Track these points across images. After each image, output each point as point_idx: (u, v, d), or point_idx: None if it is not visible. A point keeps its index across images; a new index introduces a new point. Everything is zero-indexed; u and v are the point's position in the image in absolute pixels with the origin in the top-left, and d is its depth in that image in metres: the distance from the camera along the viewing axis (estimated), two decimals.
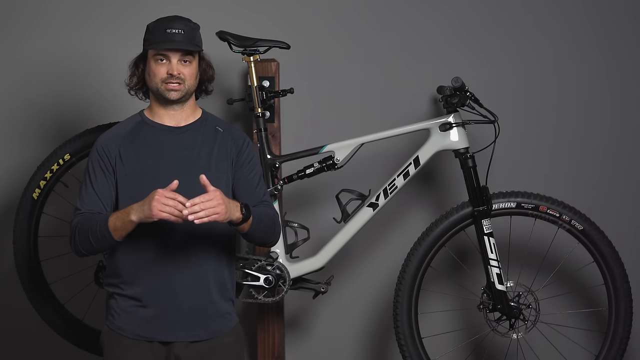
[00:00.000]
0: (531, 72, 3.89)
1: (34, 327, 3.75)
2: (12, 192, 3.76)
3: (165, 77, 2.82)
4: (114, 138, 2.85)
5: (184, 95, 2.84)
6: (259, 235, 2.87)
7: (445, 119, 3.46)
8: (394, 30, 3.87)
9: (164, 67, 2.82)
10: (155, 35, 2.83)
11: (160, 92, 2.83)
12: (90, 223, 2.75)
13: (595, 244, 3.46)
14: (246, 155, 2.92)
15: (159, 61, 2.82)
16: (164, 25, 2.83)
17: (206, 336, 2.83)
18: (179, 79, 2.82)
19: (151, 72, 2.84)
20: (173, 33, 2.81)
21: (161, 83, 2.82)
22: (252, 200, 2.85)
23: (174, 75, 2.81)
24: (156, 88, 2.83)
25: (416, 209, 3.88)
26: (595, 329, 3.82)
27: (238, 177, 2.90)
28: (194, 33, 2.86)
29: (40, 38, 3.83)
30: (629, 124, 3.92)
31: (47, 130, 3.81)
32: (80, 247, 2.79)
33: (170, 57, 2.82)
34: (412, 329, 3.47)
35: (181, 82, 2.82)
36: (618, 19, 3.90)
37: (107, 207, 2.81)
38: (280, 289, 3.45)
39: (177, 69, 2.81)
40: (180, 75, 2.82)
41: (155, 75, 2.83)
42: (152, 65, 2.83)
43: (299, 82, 3.71)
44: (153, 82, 2.84)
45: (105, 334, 2.86)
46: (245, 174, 2.90)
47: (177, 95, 2.83)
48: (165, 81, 2.81)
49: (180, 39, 2.82)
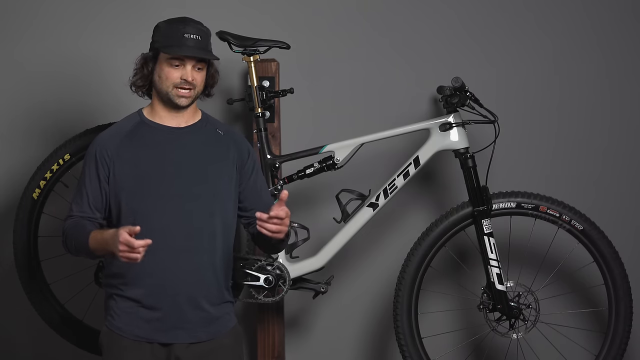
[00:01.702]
0: (531, 72, 3.89)
1: (34, 327, 3.75)
2: (12, 192, 3.76)
3: (179, 82, 2.80)
4: (112, 138, 2.85)
5: (191, 102, 2.85)
6: (280, 246, 2.93)
7: (445, 119, 3.46)
8: (394, 30, 3.87)
9: (178, 72, 2.80)
10: (170, 38, 2.80)
11: (170, 96, 2.81)
12: (77, 233, 2.77)
13: (595, 244, 3.46)
14: (250, 164, 2.93)
15: (174, 66, 2.80)
16: (179, 29, 2.80)
17: (206, 337, 2.83)
18: (191, 85, 2.81)
19: (164, 75, 2.81)
20: (190, 38, 2.80)
21: (172, 87, 2.81)
22: (260, 208, 2.86)
23: (187, 81, 2.80)
24: (166, 92, 2.82)
25: (416, 209, 3.88)
26: (595, 329, 3.82)
27: (245, 186, 2.92)
28: (208, 39, 2.86)
29: (40, 38, 3.82)
30: (629, 124, 3.92)
31: (47, 130, 3.81)
32: (70, 250, 2.84)
33: (185, 62, 2.80)
34: (412, 329, 3.47)
35: (192, 88, 2.82)
36: (618, 19, 3.90)
37: (97, 211, 2.82)
38: (280, 289, 3.45)
39: (192, 75, 2.80)
40: (193, 82, 2.81)
41: (167, 79, 2.81)
42: (166, 68, 2.81)
43: (299, 82, 3.71)
44: (164, 86, 2.82)
45: (105, 335, 2.86)
46: (252, 185, 2.93)
47: (187, 102, 2.83)
48: (178, 86, 2.80)
49: (197, 45, 2.80)
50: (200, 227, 2.80)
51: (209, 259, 2.83)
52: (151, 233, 2.76)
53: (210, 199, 2.82)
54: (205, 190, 2.82)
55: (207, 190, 2.83)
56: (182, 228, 2.78)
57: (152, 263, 2.77)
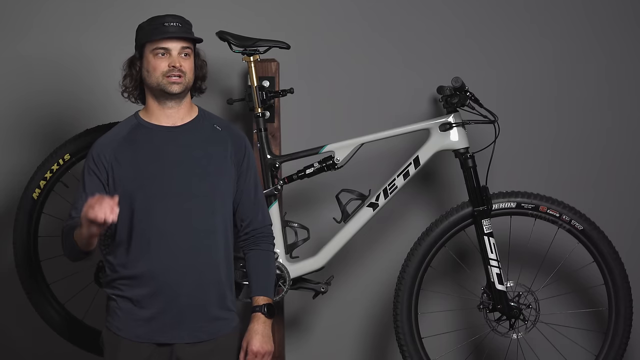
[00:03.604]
0: (531, 72, 3.89)
1: (34, 327, 3.75)
2: (12, 192, 3.76)
3: (167, 70, 2.80)
4: (110, 143, 2.85)
5: (184, 90, 2.84)
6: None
7: (445, 119, 3.46)
8: (394, 30, 3.87)
9: (164, 61, 2.81)
10: (152, 30, 2.82)
11: (162, 86, 2.81)
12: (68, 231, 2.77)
13: (595, 244, 3.46)
14: (247, 162, 2.93)
15: (159, 55, 2.81)
16: (159, 21, 2.84)
17: (207, 337, 2.83)
18: (180, 71, 2.81)
19: (151, 67, 2.82)
20: (171, 25, 2.81)
21: (162, 77, 2.81)
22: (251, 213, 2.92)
23: (176, 67, 2.80)
24: (157, 83, 2.82)
25: (416, 209, 3.88)
26: (595, 329, 3.82)
27: (240, 184, 2.92)
28: (189, 26, 2.87)
29: (41, 38, 3.83)
30: (629, 124, 3.92)
31: (47, 130, 3.81)
32: (66, 253, 2.83)
33: (170, 50, 2.81)
34: (412, 329, 3.47)
35: (182, 75, 2.81)
36: (618, 19, 3.90)
37: None
38: (280, 289, 3.45)
39: (179, 60, 2.81)
40: (182, 68, 2.81)
41: (155, 69, 2.81)
42: (152, 60, 2.82)
43: (299, 82, 3.71)
44: (153, 78, 2.82)
45: (105, 335, 2.86)
46: (246, 184, 2.92)
47: (179, 89, 2.82)
48: (167, 74, 2.80)
49: (178, 30, 2.82)
50: (200, 226, 2.80)
51: (210, 258, 2.82)
52: (151, 233, 2.77)
53: (210, 198, 2.82)
54: (205, 188, 2.82)
55: (207, 188, 2.83)
56: (183, 227, 2.78)
57: (153, 263, 2.77)
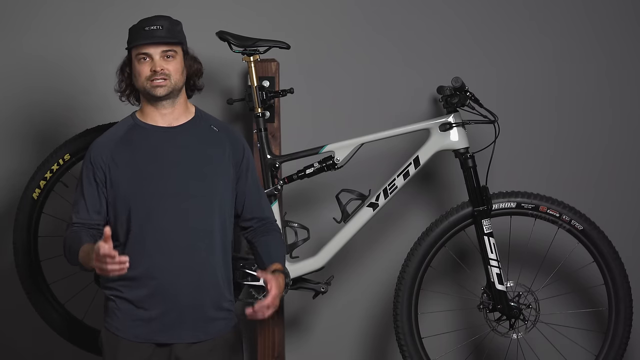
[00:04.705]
0: (531, 72, 3.89)
1: (34, 327, 3.75)
2: (12, 192, 3.76)
3: (150, 74, 2.80)
4: (107, 144, 2.85)
5: (171, 91, 2.83)
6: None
7: (445, 119, 3.46)
8: (394, 30, 3.87)
9: (147, 66, 2.81)
10: (133, 36, 2.84)
11: (147, 90, 2.82)
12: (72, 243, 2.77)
13: (595, 244, 3.46)
14: (246, 163, 2.92)
15: (141, 60, 2.82)
16: (143, 24, 2.84)
17: (206, 337, 2.83)
18: (163, 75, 2.80)
19: (136, 72, 2.83)
20: (152, 30, 2.81)
21: (146, 81, 2.81)
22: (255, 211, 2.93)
23: (157, 72, 2.79)
24: (143, 87, 2.82)
25: (416, 209, 3.88)
26: (595, 329, 3.82)
27: (240, 186, 2.91)
28: (173, 27, 2.85)
29: (41, 38, 3.83)
30: (629, 124, 3.92)
31: (47, 130, 3.81)
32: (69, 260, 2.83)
33: (152, 54, 2.81)
34: (412, 329, 3.47)
35: (166, 78, 2.81)
36: (618, 18, 3.90)
37: (96, 214, 2.82)
38: None
39: (160, 64, 2.80)
40: (164, 71, 2.80)
41: (140, 74, 2.82)
42: (136, 66, 2.83)
43: (299, 82, 3.71)
44: (139, 82, 2.83)
45: (104, 335, 2.86)
46: (248, 186, 2.92)
47: (164, 92, 2.81)
48: (150, 79, 2.80)
49: (159, 34, 2.81)
50: (198, 226, 2.80)
51: (208, 258, 2.82)
52: (149, 233, 2.77)
53: (207, 198, 2.82)
54: (203, 188, 2.82)
55: (204, 188, 2.82)
56: (180, 228, 2.78)
57: (151, 263, 2.77)
